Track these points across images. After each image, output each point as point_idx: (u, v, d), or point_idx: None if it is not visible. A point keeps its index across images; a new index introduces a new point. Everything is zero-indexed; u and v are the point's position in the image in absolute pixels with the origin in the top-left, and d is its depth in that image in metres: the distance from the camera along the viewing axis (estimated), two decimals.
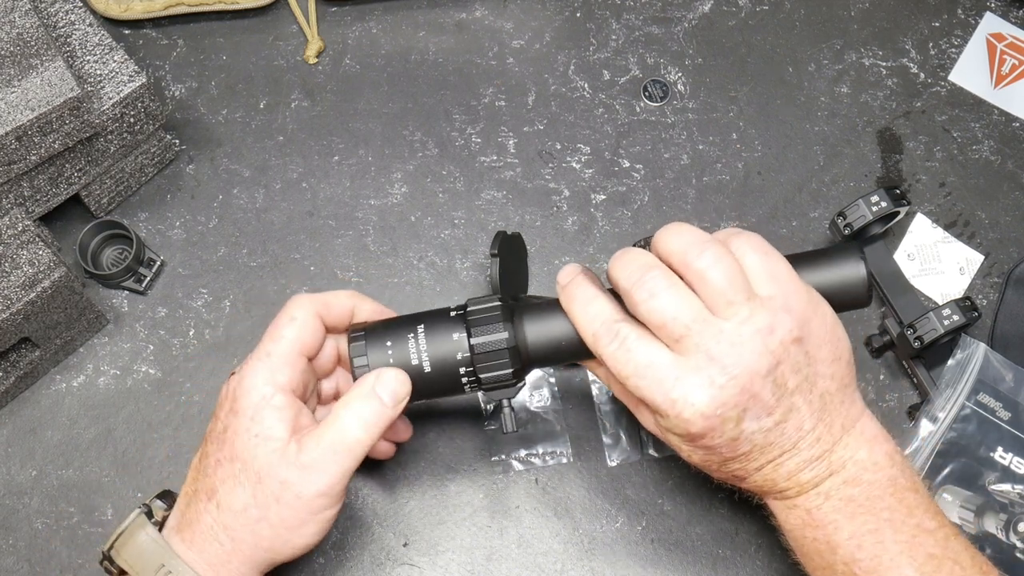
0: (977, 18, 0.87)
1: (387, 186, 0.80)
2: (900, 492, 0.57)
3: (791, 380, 0.55)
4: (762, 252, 0.57)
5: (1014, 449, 0.72)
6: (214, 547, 0.57)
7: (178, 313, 0.76)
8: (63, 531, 0.70)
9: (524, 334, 0.60)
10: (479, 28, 0.86)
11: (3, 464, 0.72)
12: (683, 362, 0.54)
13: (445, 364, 0.59)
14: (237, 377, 0.59)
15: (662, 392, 0.54)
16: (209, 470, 0.58)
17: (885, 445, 0.58)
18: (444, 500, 0.71)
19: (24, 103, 0.65)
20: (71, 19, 0.73)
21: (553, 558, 0.70)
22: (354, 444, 0.57)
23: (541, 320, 0.60)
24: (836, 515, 0.56)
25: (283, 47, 0.85)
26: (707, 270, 0.54)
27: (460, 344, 0.59)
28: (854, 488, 0.56)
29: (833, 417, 0.57)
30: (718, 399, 0.54)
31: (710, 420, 0.54)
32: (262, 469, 0.56)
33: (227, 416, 0.58)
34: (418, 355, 0.59)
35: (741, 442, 0.56)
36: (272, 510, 0.56)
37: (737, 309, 0.54)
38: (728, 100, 0.84)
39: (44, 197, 0.72)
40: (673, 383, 0.54)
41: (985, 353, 0.74)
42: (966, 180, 0.82)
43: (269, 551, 0.57)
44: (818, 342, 0.56)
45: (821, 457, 0.57)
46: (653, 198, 0.80)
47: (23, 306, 0.67)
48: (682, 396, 0.54)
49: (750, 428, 0.55)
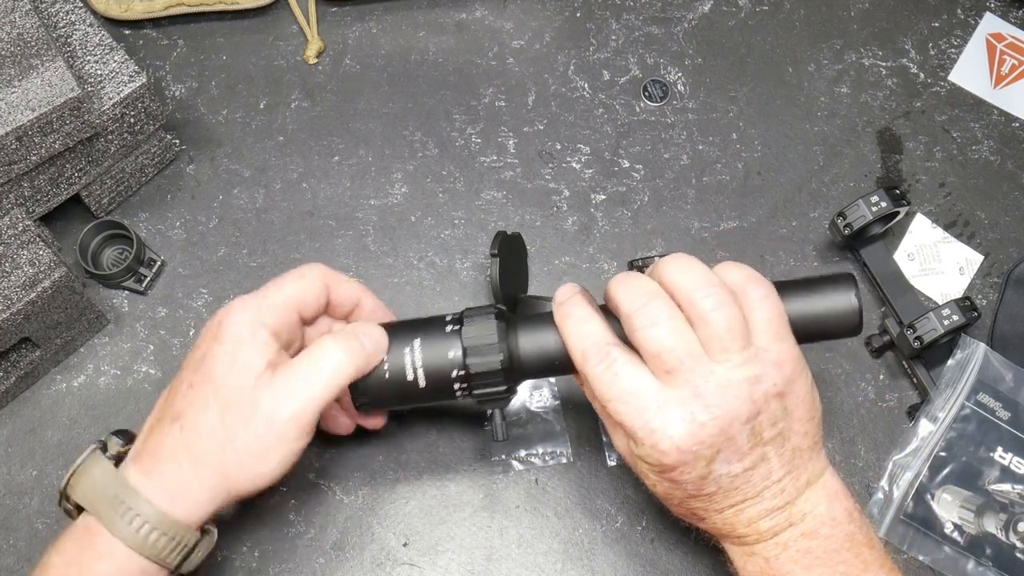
0: (977, 18, 0.87)
1: (387, 186, 0.80)
2: (857, 547, 0.58)
3: (767, 431, 0.56)
4: (773, 308, 0.57)
5: (1014, 449, 0.72)
6: (172, 470, 0.56)
7: (178, 313, 0.76)
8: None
9: (518, 348, 0.61)
10: (479, 28, 0.86)
11: (3, 464, 0.72)
12: (669, 393, 0.55)
13: (440, 378, 0.61)
14: (225, 309, 0.59)
15: (642, 419, 0.55)
16: (179, 395, 0.58)
17: (845, 502, 0.59)
18: (444, 500, 0.71)
19: (24, 103, 0.66)
20: (71, 19, 0.73)
21: (553, 558, 0.70)
22: (330, 374, 0.58)
23: (535, 334, 0.61)
24: (793, 566, 0.57)
25: (283, 47, 0.85)
26: (710, 312, 0.55)
27: (455, 362, 0.60)
28: (811, 541, 0.57)
29: (800, 471, 0.58)
30: (696, 436, 0.54)
31: (684, 455, 0.55)
32: (234, 392, 0.56)
33: (208, 343, 0.58)
34: (413, 370, 0.60)
35: (708, 482, 0.56)
36: (239, 432, 0.56)
37: (731, 355, 0.55)
38: (728, 100, 0.84)
39: (44, 197, 0.73)
40: (655, 412, 0.55)
41: (985, 353, 0.74)
42: (966, 180, 0.82)
43: (230, 478, 0.57)
44: (797, 401, 0.57)
45: (783, 508, 0.57)
46: (653, 198, 0.80)
47: (23, 306, 0.67)
48: (661, 426, 0.55)
49: (719, 470, 0.56)
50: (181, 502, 0.56)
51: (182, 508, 0.56)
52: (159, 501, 0.55)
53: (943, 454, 0.72)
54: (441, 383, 0.61)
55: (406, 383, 0.61)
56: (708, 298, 0.55)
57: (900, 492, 0.71)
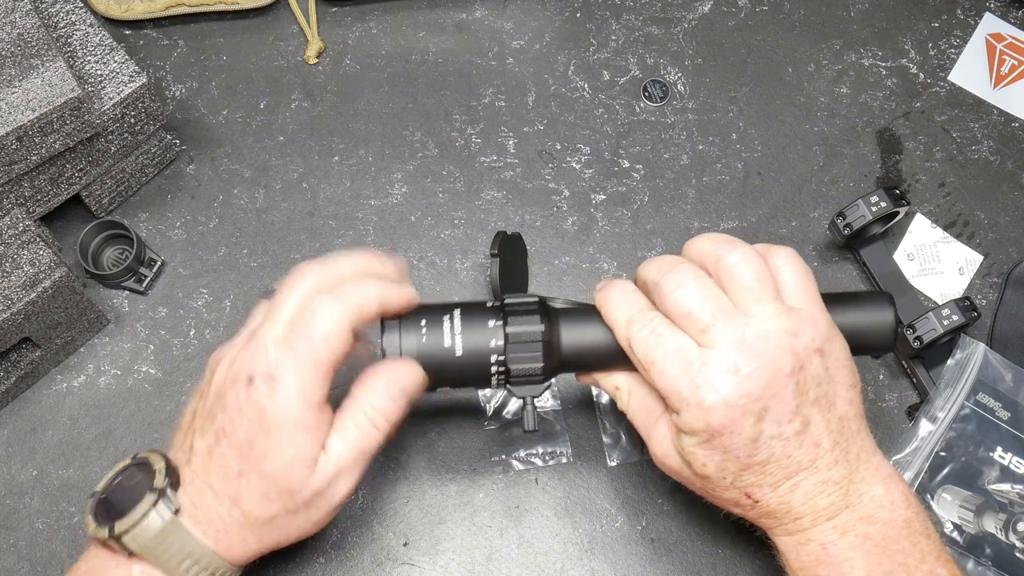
0: (976, 18, 0.87)
1: (387, 186, 0.80)
2: (914, 536, 0.56)
3: (812, 390, 0.55)
4: (800, 268, 0.58)
5: (1013, 449, 0.72)
6: (240, 546, 0.57)
7: (178, 313, 0.76)
8: (64, 531, 0.70)
9: (558, 333, 0.60)
10: (479, 28, 0.86)
11: (4, 464, 0.72)
12: (709, 353, 0.55)
13: (477, 350, 0.59)
14: (265, 390, 0.54)
15: (687, 377, 0.54)
16: (229, 476, 0.55)
17: (901, 485, 0.57)
18: (444, 500, 0.71)
19: (25, 103, 0.66)
20: (72, 19, 0.73)
21: (553, 558, 0.70)
22: (379, 443, 0.58)
23: (575, 322, 0.60)
24: (852, 553, 0.55)
25: (283, 47, 0.85)
26: (736, 266, 0.55)
27: (495, 332, 0.59)
28: (870, 526, 0.56)
29: (850, 443, 0.57)
30: (742, 388, 0.54)
31: (732, 410, 0.54)
32: (295, 487, 0.56)
33: (252, 429, 0.54)
34: (452, 337, 0.59)
35: (760, 446, 0.55)
36: (301, 515, 0.57)
37: (764, 307, 0.55)
38: (728, 100, 0.84)
39: (45, 197, 0.73)
40: (699, 368, 0.54)
41: (984, 353, 0.74)
42: (965, 180, 0.82)
43: (291, 540, 0.58)
44: (838, 364, 0.57)
45: (839, 482, 0.56)
46: (653, 198, 0.80)
47: (24, 306, 0.67)
48: (706, 381, 0.54)
49: (769, 431, 0.55)
50: (242, 559, 0.58)
51: (242, 561, 0.58)
52: (226, 557, 0.57)
53: (943, 454, 0.72)
54: (479, 353, 0.59)
55: (442, 350, 0.58)
56: (732, 253, 0.56)
57: None
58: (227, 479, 0.55)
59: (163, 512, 0.55)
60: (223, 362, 0.57)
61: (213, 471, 0.56)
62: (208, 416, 0.57)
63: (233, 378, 0.56)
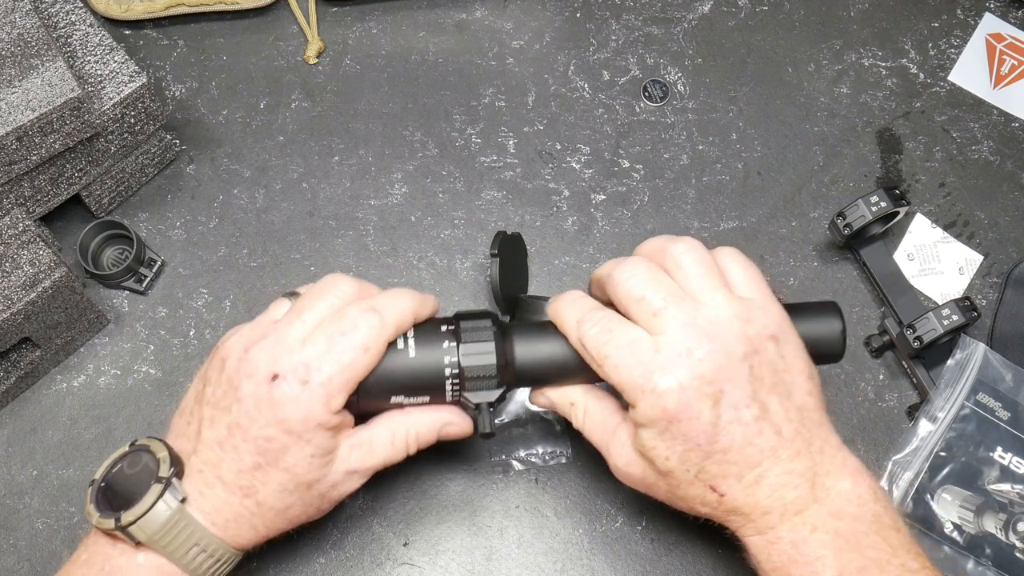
0: (976, 18, 0.87)
1: (387, 186, 0.80)
2: (884, 530, 0.55)
3: (767, 376, 0.55)
4: (746, 262, 0.59)
5: (1013, 449, 0.72)
6: (249, 534, 0.57)
7: (178, 313, 0.76)
8: (64, 531, 0.70)
9: (513, 352, 0.60)
10: (479, 28, 0.86)
11: (4, 464, 0.72)
12: (662, 340, 0.55)
13: (432, 378, 0.59)
14: (290, 392, 0.54)
15: (641, 366, 0.54)
16: (243, 468, 0.56)
17: (868, 479, 0.57)
18: (444, 500, 0.71)
19: (25, 103, 0.66)
20: (72, 19, 0.73)
21: (553, 558, 0.70)
22: (391, 463, 0.60)
23: (529, 337, 0.61)
24: (824, 550, 0.55)
25: (283, 47, 0.85)
26: (682, 255, 0.57)
27: (449, 351, 0.59)
28: (839, 521, 0.55)
29: (812, 435, 0.56)
30: (695, 371, 0.53)
31: (686, 393, 0.53)
32: (315, 480, 0.57)
33: (272, 427, 0.55)
34: (408, 351, 0.59)
35: (720, 432, 0.54)
36: (314, 505, 0.58)
37: (715, 294, 0.56)
38: (728, 100, 0.84)
39: (45, 197, 0.73)
40: (652, 356, 0.54)
41: (984, 353, 0.74)
42: (965, 180, 0.82)
43: (291, 527, 0.60)
44: (794, 353, 0.56)
45: (804, 474, 0.55)
46: (653, 198, 0.80)
47: (24, 306, 0.67)
48: (660, 367, 0.54)
49: (727, 416, 0.54)
50: (248, 545, 0.58)
51: (246, 547, 0.59)
52: (233, 544, 0.57)
53: (943, 454, 0.72)
54: (433, 382, 0.59)
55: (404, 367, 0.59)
56: (678, 245, 0.57)
57: (900, 492, 0.71)
58: (240, 472, 0.56)
59: (170, 502, 0.55)
60: (234, 351, 0.57)
61: (225, 463, 0.56)
62: (218, 406, 0.56)
63: (250, 371, 0.55)
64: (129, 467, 0.57)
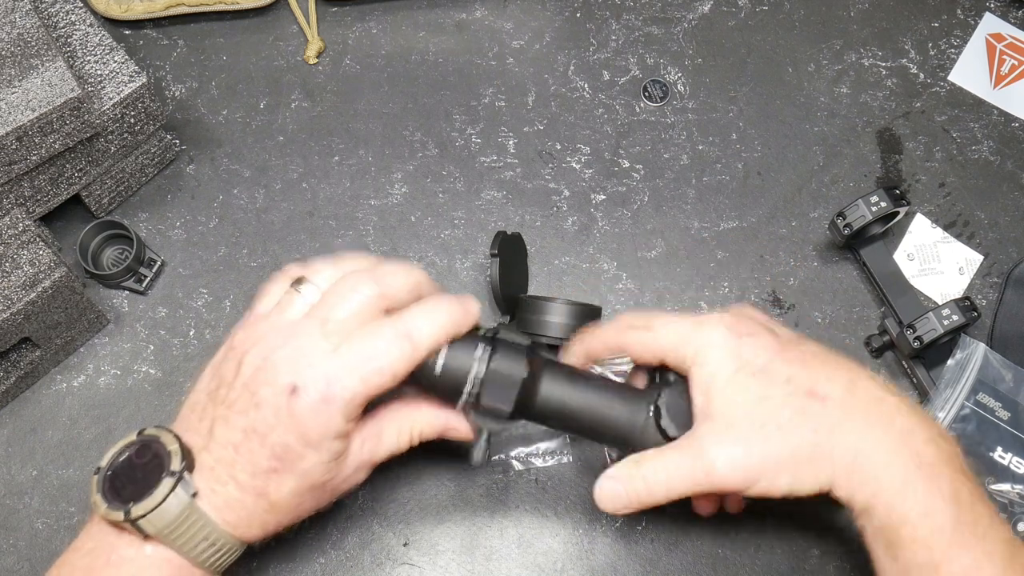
0: (976, 18, 0.87)
1: (387, 186, 0.80)
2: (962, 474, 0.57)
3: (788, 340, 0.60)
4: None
5: (1013, 449, 0.72)
6: (258, 530, 0.58)
7: (178, 313, 0.76)
8: (64, 531, 0.70)
9: (536, 394, 0.60)
10: (479, 28, 0.86)
11: (3, 464, 0.72)
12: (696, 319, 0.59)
13: (455, 381, 0.59)
14: (310, 405, 0.54)
15: (689, 320, 0.59)
16: (258, 472, 0.55)
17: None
18: (444, 500, 0.71)
19: (25, 103, 0.66)
20: (71, 19, 0.73)
21: (553, 558, 0.70)
22: (396, 454, 0.61)
23: (558, 383, 0.60)
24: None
25: (283, 47, 0.85)
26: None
27: (474, 380, 0.58)
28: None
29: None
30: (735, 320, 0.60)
31: (738, 319, 0.59)
32: (328, 483, 0.58)
33: (290, 435, 0.54)
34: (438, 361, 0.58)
35: (786, 344, 0.59)
36: (324, 500, 0.59)
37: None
38: (728, 100, 0.84)
39: (45, 197, 0.73)
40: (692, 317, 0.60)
41: (984, 353, 0.74)
42: (965, 180, 0.82)
43: (299, 521, 0.60)
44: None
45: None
46: (653, 198, 0.80)
47: (24, 306, 0.67)
48: (704, 318, 0.60)
49: (782, 338, 0.60)
50: (256, 538, 0.58)
51: (255, 541, 0.59)
52: (237, 537, 0.57)
53: None
54: (454, 385, 0.59)
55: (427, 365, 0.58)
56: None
57: None
58: (255, 475, 0.56)
59: (181, 496, 0.54)
60: (252, 356, 0.56)
61: (239, 465, 0.56)
62: (233, 408, 0.56)
63: (269, 380, 0.55)
64: (137, 457, 0.56)
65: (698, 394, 0.57)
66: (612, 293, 0.77)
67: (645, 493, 0.58)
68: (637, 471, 0.58)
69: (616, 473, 0.58)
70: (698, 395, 0.57)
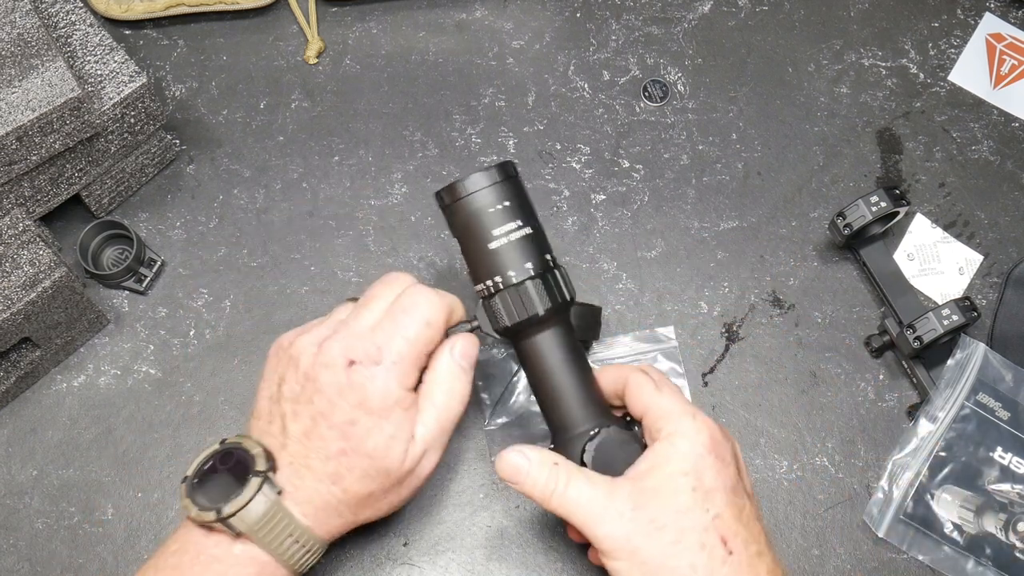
0: (976, 18, 0.87)
1: (387, 186, 0.80)
2: None
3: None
4: None
5: (1013, 449, 0.72)
6: (335, 521, 0.60)
7: (178, 313, 0.76)
8: (64, 531, 0.70)
9: (541, 332, 0.61)
10: (479, 28, 0.86)
11: (3, 464, 0.72)
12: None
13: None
14: (368, 374, 0.58)
15: (692, 409, 0.60)
16: (330, 455, 0.58)
17: None
18: (444, 500, 0.71)
19: (25, 103, 0.66)
20: (72, 19, 0.73)
21: (553, 558, 0.70)
22: (455, 419, 0.61)
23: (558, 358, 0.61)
24: None
25: (283, 47, 0.85)
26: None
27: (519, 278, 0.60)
28: None
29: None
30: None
31: (717, 432, 0.59)
32: (393, 465, 0.59)
33: (355, 410, 0.58)
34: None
35: (740, 482, 0.59)
36: (394, 492, 0.60)
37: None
38: (728, 100, 0.84)
39: (45, 197, 0.73)
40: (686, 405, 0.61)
41: (984, 353, 0.74)
42: (965, 180, 0.82)
43: (379, 515, 0.62)
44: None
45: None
46: (653, 198, 0.80)
47: (24, 306, 0.67)
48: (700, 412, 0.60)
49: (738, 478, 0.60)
50: (334, 533, 0.61)
51: (332, 536, 0.61)
52: (319, 533, 0.59)
53: (943, 454, 0.72)
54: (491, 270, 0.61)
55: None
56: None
57: (900, 492, 0.71)
58: (327, 459, 0.58)
59: (268, 494, 0.57)
60: (307, 348, 0.59)
61: (312, 451, 0.58)
62: (299, 400, 0.59)
63: (327, 362, 0.58)
64: (222, 463, 0.59)
65: (646, 461, 0.58)
66: (612, 293, 0.77)
67: (540, 489, 0.58)
68: (552, 471, 0.58)
69: (532, 455, 0.59)
70: (645, 462, 0.58)
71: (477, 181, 0.60)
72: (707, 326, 0.77)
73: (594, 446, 0.59)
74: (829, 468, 0.73)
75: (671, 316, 0.77)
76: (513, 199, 0.61)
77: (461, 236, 0.62)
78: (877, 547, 0.71)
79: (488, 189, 0.60)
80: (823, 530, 0.71)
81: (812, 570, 0.70)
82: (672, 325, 0.76)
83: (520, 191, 0.62)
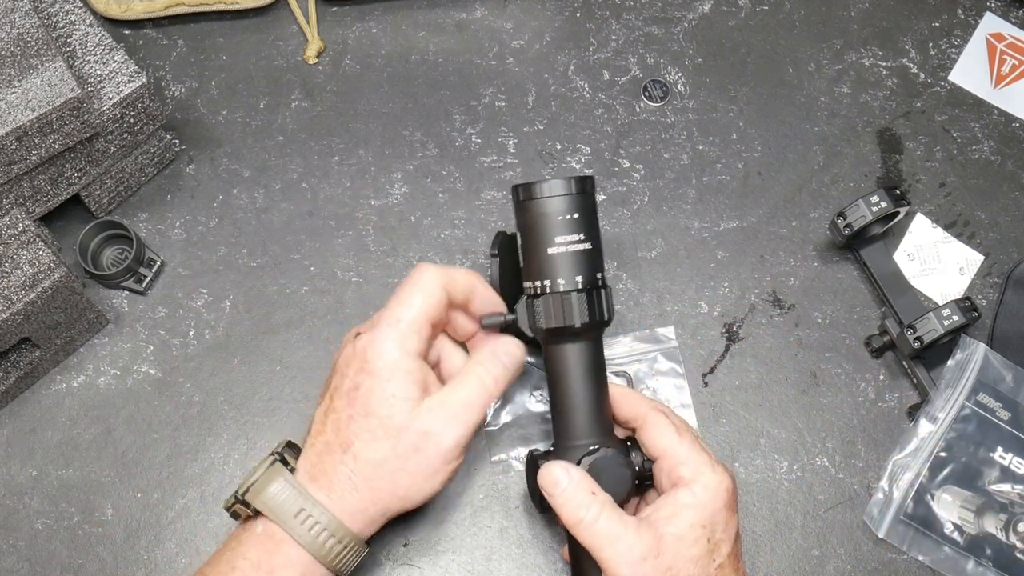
0: (977, 18, 0.87)
1: (387, 186, 0.80)
2: None
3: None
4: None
5: (1014, 449, 0.72)
6: (351, 494, 0.60)
7: (178, 313, 0.76)
8: (63, 531, 0.70)
9: (570, 342, 0.63)
10: (479, 28, 0.86)
11: (3, 464, 0.72)
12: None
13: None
14: (367, 337, 0.61)
15: (713, 459, 0.62)
16: (341, 424, 0.60)
17: None
18: (444, 500, 0.71)
19: (24, 103, 0.66)
20: (71, 19, 0.73)
21: (553, 558, 0.70)
22: (486, 398, 0.62)
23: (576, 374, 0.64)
24: None
25: (283, 47, 0.85)
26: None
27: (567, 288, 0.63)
28: None
29: None
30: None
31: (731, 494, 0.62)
32: (401, 424, 0.60)
33: (357, 375, 0.60)
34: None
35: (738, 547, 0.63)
36: (411, 460, 0.60)
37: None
38: (728, 100, 0.84)
39: (44, 197, 0.73)
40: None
41: (985, 353, 0.74)
42: (966, 180, 0.82)
43: (403, 499, 0.61)
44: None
45: None
46: (653, 198, 0.80)
47: (23, 306, 0.67)
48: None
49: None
50: (359, 519, 0.61)
51: (359, 524, 0.61)
52: (340, 517, 0.60)
53: (943, 454, 0.72)
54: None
55: None
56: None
57: (900, 492, 0.71)
58: (339, 428, 0.61)
59: (278, 468, 0.60)
60: (344, 351, 0.63)
61: (328, 425, 0.61)
62: (328, 387, 0.63)
63: (343, 343, 0.64)
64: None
65: (667, 508, 0.60)
66: (612, 293, 0.77)
67: (571, 510, 0.59)
68: (589, 498, 0.59)
69: (574, 475, 0.60)
70: (666, 508, 0.60)
71: (554, 188, 0.63)
72: (707, 326, 0.77)
73: (590, 461, 0.61)
74: (829, 468, 0.73)
75: (671, 316, 0.77)
76: (582, 213, 0.63)
77: (524, 232, 0.64)
78: (877, 547, 0.71)
79: (562, 198, 0.63)
80: (823, 531, 0.71)
81: (812, 571, 0.70)
82: (672, 325, 0.76)
83: (591, 207, 0.64)
